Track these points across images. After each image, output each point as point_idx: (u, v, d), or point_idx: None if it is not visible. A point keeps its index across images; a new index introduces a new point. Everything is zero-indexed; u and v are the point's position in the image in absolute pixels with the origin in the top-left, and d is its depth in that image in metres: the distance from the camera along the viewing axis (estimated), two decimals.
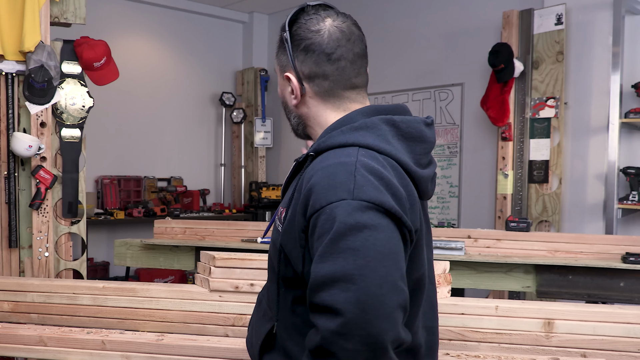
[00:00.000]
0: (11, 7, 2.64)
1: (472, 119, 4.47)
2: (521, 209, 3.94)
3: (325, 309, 0.92)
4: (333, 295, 0.91)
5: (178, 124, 5.76)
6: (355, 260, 0.91)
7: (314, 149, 1.10)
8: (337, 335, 0.90)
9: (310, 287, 0.95)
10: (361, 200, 0.96)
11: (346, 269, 0.91)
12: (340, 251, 0.93)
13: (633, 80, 3.53)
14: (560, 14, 3.76)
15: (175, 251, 3.27)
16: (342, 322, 0.89)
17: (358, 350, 0.89)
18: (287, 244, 1.07)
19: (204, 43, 5.92)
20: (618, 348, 1.68)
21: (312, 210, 0.99)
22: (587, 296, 2.73)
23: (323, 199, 0.98)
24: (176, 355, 1.86)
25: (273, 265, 1.16)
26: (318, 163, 1.06)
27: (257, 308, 1.29)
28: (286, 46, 1.15)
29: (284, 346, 1.13)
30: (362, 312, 0.89)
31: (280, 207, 1.15)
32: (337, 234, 0.94)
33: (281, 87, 1.23)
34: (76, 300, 2.06)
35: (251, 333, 1.28)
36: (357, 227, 0.94)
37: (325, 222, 0.96)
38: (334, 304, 0.90)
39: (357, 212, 0.95)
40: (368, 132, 1.08)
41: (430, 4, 4.74)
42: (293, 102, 1.19)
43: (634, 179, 3.42)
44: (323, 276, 0.93)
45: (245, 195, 5.94)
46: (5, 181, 2.68)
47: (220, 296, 1.96)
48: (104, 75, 2.90)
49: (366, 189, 0.97)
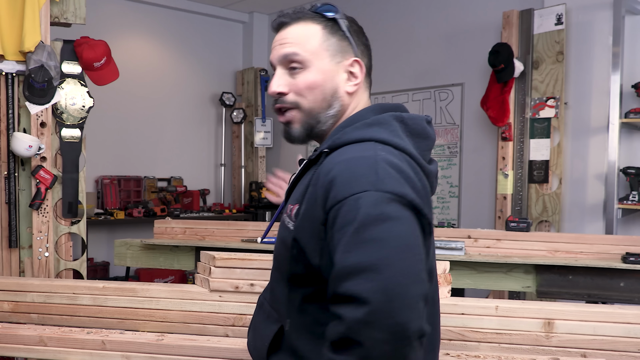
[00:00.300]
0: (11, 7, 2.64)
1: (472, 119, 4.47)
2: (521, 209, 3.94)
3: (351, 299, 0.92)
4: (359, 285, 0.91)
5: (178, 124, 5.75)
6: (380, 251, 0.93)
7: (329, 145, 1.11)
8: (364, 324, 0.90)
9: (334, 277, 0.95)
10: (384, 192, 0.97)
11: (371, 259, 0.92)
12: (365, 241, 0.94)
13: (633, 80, 3.53)
14: (560, 14, 3.76)
15: (175, 251, 3.27)
16: (369, 310, 0.89)
17: (384, 339, 0.89)
18: (302, 237, 1.07)
19: (204, 43, 5.92)
20: (618, 348, 1.68)
21: (333, 201, 1.00)
22: (587, 296, 2.73)
23: (345, 191, 0.99)
24: (176, 355, 1.86)
25: (280, 264, 1.16)
26: (336, 157, 1.07)
27: (259, 311, 1.29)
28: (347, 33, 1.18)
29: (292, 346, 1.13)
30: (389, 301, 0.90)
31: (290, 205, 1.15)
32: (362, 225, 0.95)
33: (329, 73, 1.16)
34: (76, 300, 2.06)
35: (254, 336, 1.26)
36: (381, 218, 0.95)
37: (347, 213, 0.97)
38: (360, 293, 0.90)
39: (381, 203, 0.96)
40: (381, 128, 1.10)
41: (430, 4, 4.74)
42: (350, 89, 1.18)
43: (634, 179, 3.42)
44: (348, 266, 0.93)
45: (245, 195, 5.94)
46: (5, 181, 2.68)
47: (220, 296, 1.95)
48: (104, 75, 2.90)
49: (388, 181, 0.99)
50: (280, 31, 1.21)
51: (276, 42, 1.20)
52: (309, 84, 1.16)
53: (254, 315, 1.31)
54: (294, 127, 1.19)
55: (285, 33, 1.19)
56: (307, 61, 1.16)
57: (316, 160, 1.14)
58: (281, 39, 1.19)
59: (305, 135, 1.20)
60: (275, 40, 1.21)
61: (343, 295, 0.93)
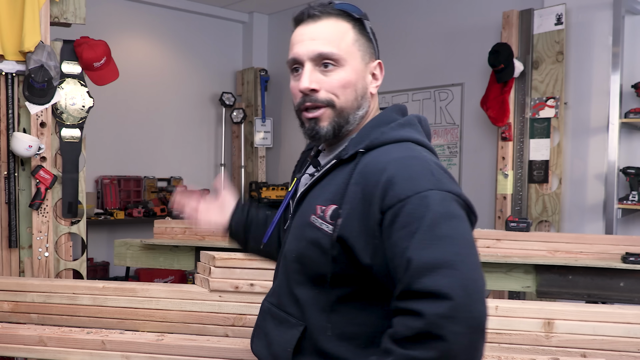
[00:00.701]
0: (11, 7, 2.64)
1: (472, 119, 4.47)
2: (521, 209, 3.94)
3: (430, 295, 0.93)
4: (437, 281, 0.93)
5: (178, 124, 5.75)
6: (453, 247, 0.96)
7: (366, 145, 1.11)
8: (446, 318, 0.92)
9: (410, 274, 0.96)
10: (446, 192, 1.01)
11: (447, 256, 0.95)
12: (438, 238, 0.96)
13: (633, 80, 3.53)
14: (560, 14, 3.76)
15: (175, 251, 3.27)
16: (451, 305, 0.92)
17: (463, 333, 0.92)
18: (351, 237, 1.06)
19: (204, 43, 5.92)
20: (618, 348, 1.68)
21: (393, 200, 1.01)
22: (587, 296, 2.73)
23: (408, 189, 1.00)
24: (176, 355, 1.86)
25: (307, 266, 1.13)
26: (382, 156, 1.08)
27: (266, 317, 1.24)
28: (371, 35, 1.20)
29: (320, 349, 1.12)
30: (467, 296, 0.93)
31: (319, 205, 1.12)
32: (434, 222, 0.97)
33: (361, 73, 1.17)
34: (76, 300, 2.06)
35: (267, 344, 1.21)
36: (449, 215, 0.99)
37: (414, 210, 0.99)
38: (440, 288, 0.92)
39: (446, 201, 1.00)
40: (412, 128, 1.15)
41: (430, 4, 4.74)
42: (374, 90, 1.20)
43: (634, 179, 3.42)
44: (426, 263, 0.95)
45: (245, 195, 5.93)
46: (5, 181, 2.68)
47: (220, 296, 1.96)
48: (104, 75, 2.90)
49: (444, 181, 1.03)
50: (305, 25, 1.17)
51: (304, 36, 1.16)
52: (344, 82, 1.14)
53: (258, 322, 1.27)
54: (322, 126, 1.16)
55: (316, 28, 1.15)
56: (342, 60, 1.14)
57: (348, 160, 1.13)
58: (311, 34, 1.15)
59: (333, 134, 1.17)
60: (302, 34, 1.17)
61: (421, 292, 0.94)
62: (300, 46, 1.16)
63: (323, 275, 1.10)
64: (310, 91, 1.14)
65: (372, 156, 1.09)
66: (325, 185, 1.15)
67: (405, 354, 0.94)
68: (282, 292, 1.21)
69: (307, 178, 1.25)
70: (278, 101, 6.04)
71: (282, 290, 1.21)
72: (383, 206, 1.02)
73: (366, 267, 1.06)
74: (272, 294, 1.25)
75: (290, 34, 1.21)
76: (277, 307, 1.21)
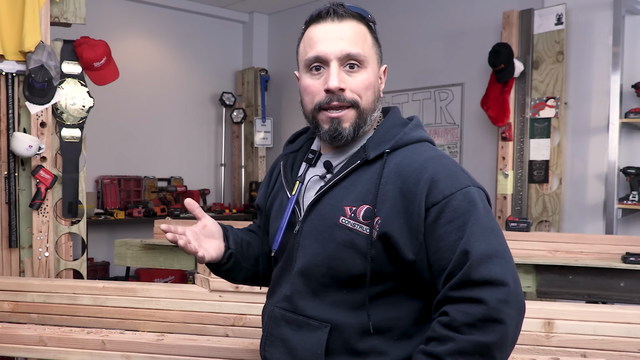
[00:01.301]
0: (11, 7, 2.64)
1: (472, 119, 4.47)
2: (521, 209, 3.94)
3: (489, 282, 1.01)
4: (492, 270, 1.02)
5: (178, 124, 5.75)
6: (497, 238, 1.06)
7: (392, 145, 1.15)
8: (504, 303, 1.00)
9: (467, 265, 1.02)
10: (478, 188, 1.12)
11: (495, 246, 1.04)
12: (485, 230, 1.05)
13: (633, 80, 3.53)
14: (560, 14, 3.76)
15: (176, 251, 3.27)
16: (508, 291, 1.01)
17: (514, 315, 1.01)
18: (394, 234, 1.09)
19: (204, 43, 5.92)
20: (618, 348, 1.68)
21: (438, 197, 1.07)
22: (587, 296, 2.73)
23: (452, 186, 1.08)
24: (176, 355, 1.86)
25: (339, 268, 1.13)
26: (413, 156, 1.13)
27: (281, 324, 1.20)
28: (378, 38, 1.23)
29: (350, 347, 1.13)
30: (516, 282, 1.03)
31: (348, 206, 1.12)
32: (480, 215, 1.06)
33: (376, 76, 1.21)
34: (76, 300, 2.06)
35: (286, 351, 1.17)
36: (487, 209, 1.09)
37: (459, 206, 1.06)
38: (497, 276, 1.01)
39: (482, 197, 1.11)
40: (422, 130, 1.22)
41: (430, 4, 4.74)
42: (381, 93, 1.23)
43: (634, 179, 3.42)
44: (481, 254, 1.02)
45: (245, 195, 5.93)
46: (5, 181, 2.68)
47: (220, 296, 1.95)
48: (104, 75, 2.90)
49: (472, 178, 1.13)
50: (329, 23, 1.15)
51: (330, 35, 1.15)
52: (367, 84, 1.16)
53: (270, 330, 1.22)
54: (344, 127, 1.15)
55: (341, 27, 1.15)
56: (366, 61, 1.16)
57: (373, 160, 1.15)
58: (338, 33, 1.14)
59: (353, 135, 1.17)
60: (327, 32, 1.15)
61: (480, 281, 1.01)
62: (325, 44, 1.14)
63: (357, 275, 1.12)
64: (339, 90, 1.14)
65: (401, 155, 1.14)
66: (349, 186, 1.15)
67: (468, 339, 1.00)
68: (299, 296, 1.18)
69: (315, 181, 1.21)
70: (278, 101, 6.03)
71: (298, 295, 1.18)
72: (427, 203, 1.08)
73: (408, 263, 1.10)
74: (283, 299, 1.20)
75: (291, 33, 1.22)
76: (293, 312, 1.18)
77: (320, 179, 1.21)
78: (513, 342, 1.03)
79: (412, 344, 1.12)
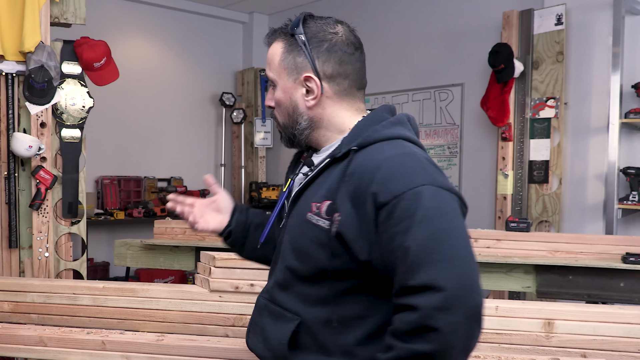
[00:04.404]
0: (11, 8, 2.64)
1: (472, 119, 4.47)
2: (521, 209, 3.94)
3: (425, 288, 0.96)
4: (431, 274, 0.96)
5: (178, 124, 5.75)
6: (448, 241, 0.99)
7: (358, 143, 1.14)
8: (438, 310, 0.94)
9: (405, 270, 0.99)
10: (438, 187, 1.04)
11: (440, 249, 0.98)
12: (432, 233, 0.99)
13: (633, 80, 3.53)
14: (560, 14, 3.76)
15: (176, 251, 3.27)
16: (444, 296, 0.94)
17: (460, 322, 0.95)
18: (349, 233, 1.08)
19: (204, 43, 5.91)
20: (618, 348, 1.68)
21: (388, 196, 1.03)
22: (587, 296, 2.73)
23: (402, 186, 1.03)
24: (176, 356, 1.86)
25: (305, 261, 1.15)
26: (375, 154, 1.10)
27: (262, 313, 1.26)
28: (303, 48, 1.18)
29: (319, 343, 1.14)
30: (462, 287, 0.96)
31: (314, 202, 1.15)
32: (427, 217, 1.00)
33: (288, 90, 1.21)
34: (76, 301, 2.06)
35: (263, 339, 1.23)
36: (442, 210, 1.02)
37: (409, 206, 1.01)
38: (435, 281, 0.95)
39: (439, 196, 1.03)
40: (403, 127, 1.18)
41: (430, 4, 4.74)
42: (310, 103, 1.20)
43: (634, 179, 3.42)
44: (420, 258, 0.98)
45: (245, 195, 5.93)
46: (5, 181, 2.68)
47: (220, 296, 1.96)
48: (104, 75, 2.90)
49: (437, 176, 1.06)
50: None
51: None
52: (277, 101, 1.24)
53: (254, 318, 1.29)
54: (281, 136, 1.29)
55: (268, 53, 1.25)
56: (274, 80, 1.23)
57: (342, 158, 1.15)
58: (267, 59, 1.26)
59: (290, 144, 1.27)
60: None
61: (416, 286, 0.97)
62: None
63: (324, 270, 1.12)
64: (269, 107, 1.27)
65: (365, 154, 1.12)
66: (320, 183, 1.18)
67: (406, 348, 0.97)
68: (278, 288, 1.23)
69: (301, 178, 1.27)
70: None
71: (278, 287, 1.23)
72: (378, 203, 1.04)
73: (364, 263, 1.08)
74: (268, 290, 1.27)
75: None
76: (274, 303, 1.23)
77: (304, 176, 1.25)
78: (464, 351, 0.97)
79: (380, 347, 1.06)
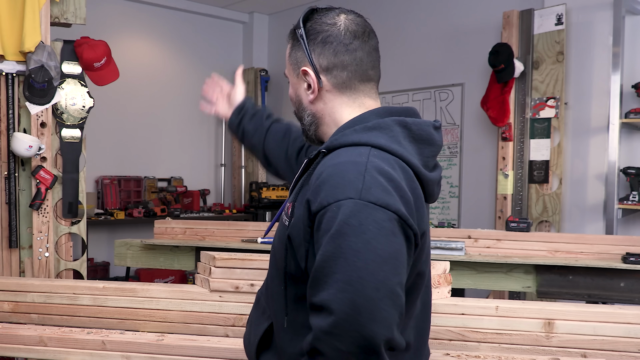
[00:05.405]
0: (11, 8, 2.64)
1: (472, 119, 4.47)
2: (521, 209, 3.94)
3: (321, 308, 0.92)
4: (330, 295, 0.91)
5: (178, 124, 5.75)
6: (356, 262, 0.91)
7: (326, 146, 1.10)
8: (328, 334, 0.90)
9: (309, 285, 0.96)
10: (367, 202, 0.95)
11: (345, 270, 0.91)
12: (342, 251, 0.92)
13: (633, 80, 3.53)
14: (560, 14, 3.76)
15: (176, 251, 3.26)
16: (333, 321, 0.89)
17: (349, 352, 0.89)
18: (295, 238, 1.06)
19: (204, 43, 5.91)
20: (618, 348, 1.68)
21: (319, 206, 0.99)
22: (588, 296, 2.73)
23: (330, 197, 0.97)
24: (176, 356, 1.86)
25: (277, 260, 1.15)
26: (329, 160, 1.06)
27: (256, 306, 1.30)
28: (301, 42, 1.16)
29: (280, 346, 1.14)
30: (356, 314, 0.88)
31: (287, 202, 1.15)
32: (340, 234, 0.93)
33: (295, 86, 1.22)
34: (76, 301, 2.06)
35: (249, 331, 1.28)
36: (361, 228, 0.93)
37: (330, 219, 0.96)
38: (329, 303, 0.90)
39: (362, 212, 0.94)
40: (381, 132, 1.07)
41: (431, 4, 4.74)
42: (310, 97, 1.18)
43: (634, 179, 3.42)
44: (322, 275, 0.93)
45: (245, 195, 5.93)
46: (5, 181, 2.68)
47: (220, 296, 1.95)
48: (104, 75, 2.90)
49: (374, 190, 0.96)
50: None
51: None
52: (289, 98, 1.27)
53: (252, 310, 1.32)
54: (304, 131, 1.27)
55: None
56: (287, 77, 1.25)
57: (314, 160, 1.13)
58: None
59: (307, 139, 1.26)
60: None
61: (314, 304, 0.93)
62: None
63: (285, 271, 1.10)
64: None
65: (325, 159, 1.08)
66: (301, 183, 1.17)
67: None
68: (265, 286, 1.26)
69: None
70: (278, 101, 6.03)
71: (265, 284, 1.27)
72: (311, 211, 1.01)
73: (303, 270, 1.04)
74: (263, 284, 1.30)
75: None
76: (264, 298, 1.26)
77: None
78: None
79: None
